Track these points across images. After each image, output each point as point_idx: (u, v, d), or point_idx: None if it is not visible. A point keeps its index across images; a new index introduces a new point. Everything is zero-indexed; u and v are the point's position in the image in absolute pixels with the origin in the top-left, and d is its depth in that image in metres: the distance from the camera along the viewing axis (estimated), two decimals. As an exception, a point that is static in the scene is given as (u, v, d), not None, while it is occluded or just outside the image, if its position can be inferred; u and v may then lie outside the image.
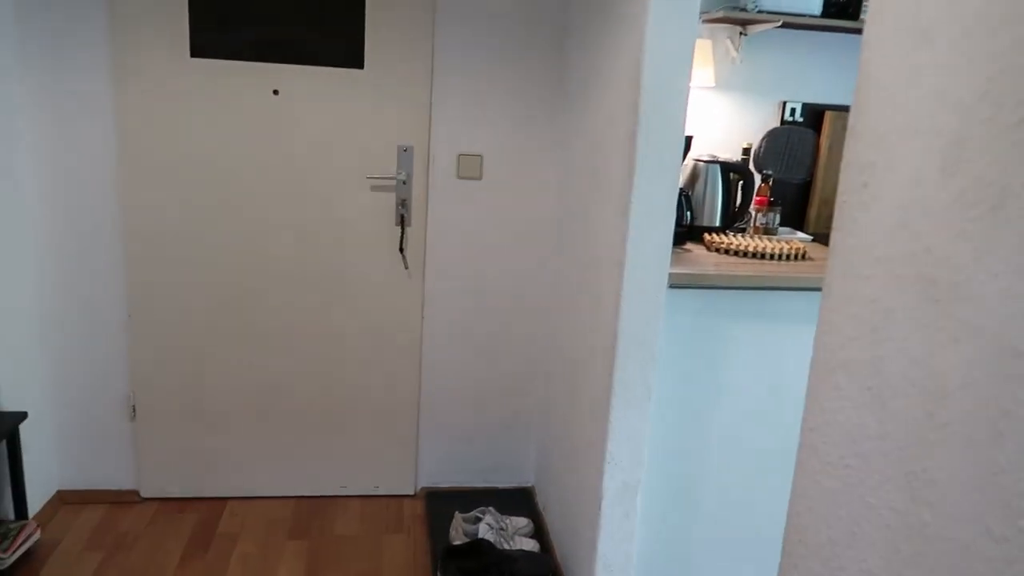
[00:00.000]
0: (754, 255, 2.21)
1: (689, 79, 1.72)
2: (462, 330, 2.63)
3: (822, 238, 2.56)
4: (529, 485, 2.82)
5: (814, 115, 2.61)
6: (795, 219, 2.70)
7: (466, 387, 2.69)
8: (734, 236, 2.35)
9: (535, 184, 2.54)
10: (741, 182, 2.48)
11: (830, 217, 2.84)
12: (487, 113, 2.46)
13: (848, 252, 0.89)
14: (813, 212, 2.66)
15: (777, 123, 2.60)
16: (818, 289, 2.07)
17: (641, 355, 1.90)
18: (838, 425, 0.89)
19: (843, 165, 0.90)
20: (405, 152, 2.46)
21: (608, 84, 1.98)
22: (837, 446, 0.89)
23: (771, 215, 2.50)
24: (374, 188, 2.47)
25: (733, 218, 2.41)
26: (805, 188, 2.67)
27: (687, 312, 2.04)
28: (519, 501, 2.70)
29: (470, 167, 2.49)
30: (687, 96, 1.73)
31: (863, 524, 0.83)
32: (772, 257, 2.20)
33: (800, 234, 2.57)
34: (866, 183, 0.86)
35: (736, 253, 2.23)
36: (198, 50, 2.33)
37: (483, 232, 2.55)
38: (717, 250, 2.26)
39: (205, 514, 2.53)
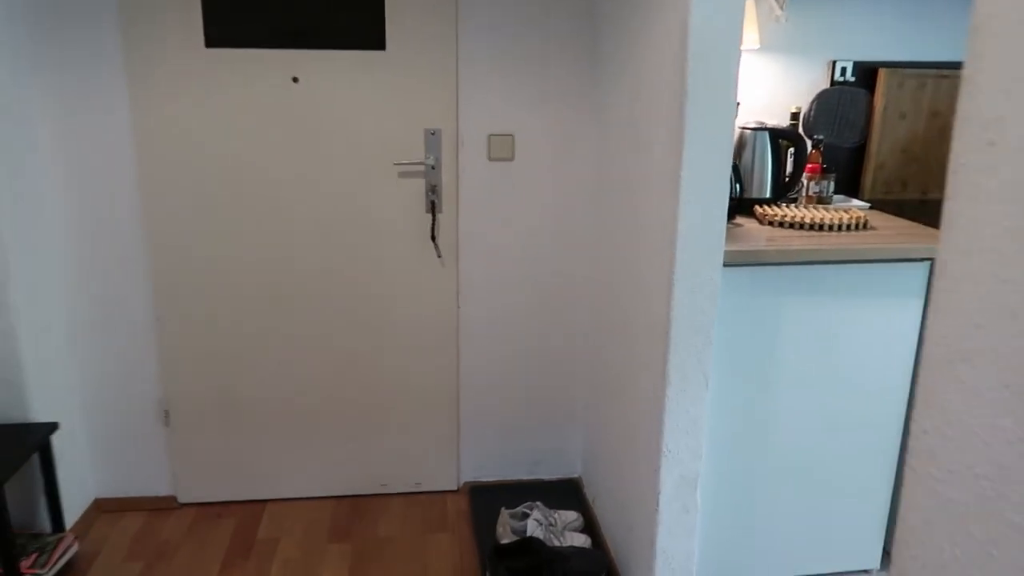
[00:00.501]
0: (811, 227, 2.06)
1: (740, 38, 1.58)
2: (501, 318, 2.52)
3: (880, 205, 2.39)
4: (576, 476, 2.71)
5: (866, 74, 2.43)
6: (849, 185, 2.53)
7: (507, 377, 2.58)
8: (787, 207, 2.20)
9: (572, 162, 2.40)
10: (792, 149, 2.32)
11: (887, 183, 2.68)
12: (517, 89, 2.33)
13: (969, 223, 0.75)
14: (868, 177, 2.49)
15: (826, 84, 2.43)
16: (884, 261, 1.92)
17: (697, 341, 1.77)
18: (963, 427, 0.76)
19: (959, 121, 0.76)
20: (433, 135, 2.34)
21: (648, 50, 1.84)
22: (963, 452, 0.76)
23: (824, 183, 2.34)
24: (402, 175, 2.36)
25: (785, 188, 2.26)
26: (859, 152, 2.51)
27: (742, 292, 1.90)
28: (566, 493, 2.60)
29: (502, 148, 2.37)
30: (739, 57, 1.59)
31: (1005, 547, 0.70)
32: (830, 228, 2.05)
33: (856, 201, 2.41)
34: (992, 141, 0.72)
35: (791, 225, 2.08)
36: (213, 40, 2.22)
37: (519, 215, 2.43)
38: (770, 223, 2.11)
39: (244, 518, 2.46)
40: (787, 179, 2.27)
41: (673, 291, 1.73)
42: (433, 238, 2.40)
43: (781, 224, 2.09)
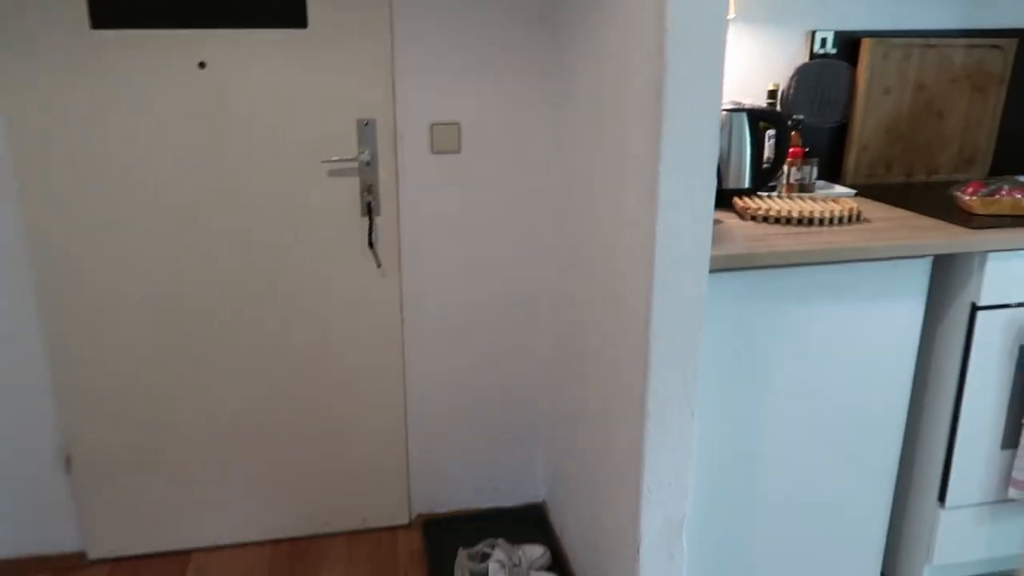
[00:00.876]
0: (799, 221, 1.82)
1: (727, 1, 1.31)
2: (451, 332, 2.23)
3: (864, 190, 2.17)
4: (539, 500, 2.45)
5: (848, 45, 2.19)
6: (829, 170, 2.30)
7: (461, 396, 2.30)
8: (771, 199, 1.96)
9: (528, 153, 2.12)
10: (769, 132, 2.08)
11: (871, 165, 2.45)
12: (463, 71, 2.03)
13: None
14: (851, 160, 2.27)
15: (806, 58, 2.19)
16: (883, 258, 1.69)
17: (680, 363, 1.51)
18: None
19: None
20: (366, 127, 2.03)
21: (617, 18, 1.56)
22: None
23: (807, 168, 2.10)
24: (332, 174, 2.04)
25: (765, 176, 2.01)
26: (839, 132, 2.28)
27: (728, 300, 1.66)
28: (530, 522, 2.34)
29: (446, 138, 2.07)
30: (726, 25, 1.32)
31: None
32: (821, 222, 1.81)
33: (840, 188, 2.18)
34: None
35: (777, 220, 1.84)
36: (100, 19, 1.87)
37: (469, 216, 2.14)
38: (753, 218, 1.86)
39: (166, 572, 2.14)
40: (768, 166, 2.02)
41: (652, 306, 1.47)
42: (371, 245, 2.10)
43: (765, 219, 1.85)
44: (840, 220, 1.82)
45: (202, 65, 1.93)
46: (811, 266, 1.67)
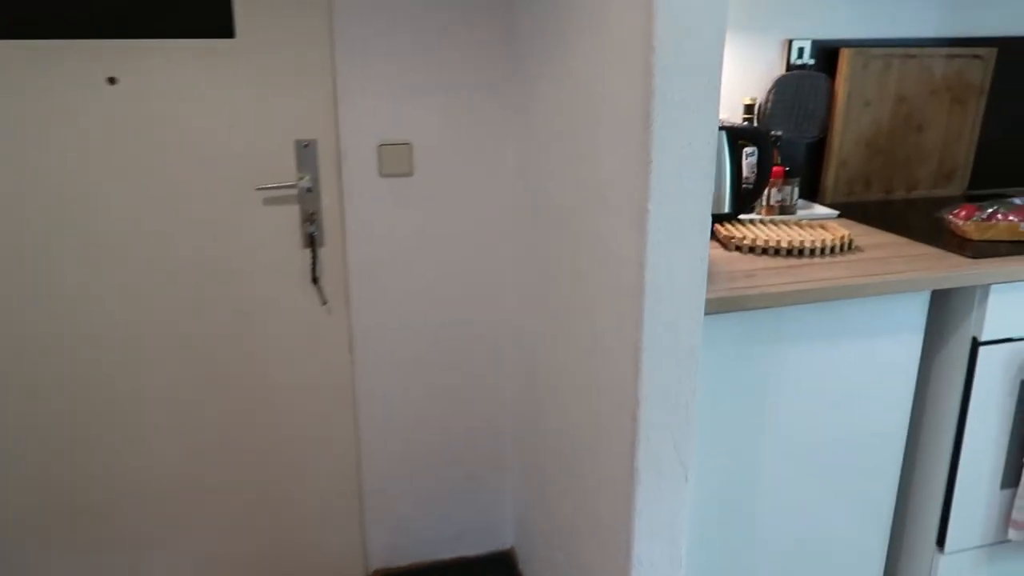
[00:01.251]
0: (789, 252, 1.67)
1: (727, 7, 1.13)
2: (407, 371, 2.02)
3: (846, 209, 2.04)
4: (507, 548, 2.26)
5: (826, 55, 2.06)
6: (807, 187, 2.16)
7: (419, 439, 2.09)
8: (756, 226, 1.80)
9: (488, 175, 1.92)
10: (747, 150, 1.92)
11: (850, 182, 2.31)
12: (414, 86, 1.82)
13: None
14: (830, 178, 2.13)
15: (783, 69, 2.05)
16: (884, 293, 1.55)
17: (674, 421, 1.33)
18: None
19: None
20: (306, 148, 1.80)
21: (591, 32, 1.38)
22: None
23: (788, 189, 1.96)
24: (268, 202, 1.81)
25: (746, 199, 1.85)
26: (816, 148, 2.14)
27: (717, 343, 1.49)
28: (499, 572, 2.15)
29: (396, 160, 1.86)
30: (724, 39, 1.15)
31: None
32: (812, 253, 1.66)
33: (821, 209, 2.04)
34: None
35: (765, 251, 1.68)
36: (-12, 27, 1.61)
37: (423, 245, 1.93)
38: (739, 248, 1.70)
39: (87, 656, 1.88)
40: (749, 187, 1.87)
41: (642, 358, 1.29)
42: (315, 280, 1.88)
43: (752, 249, 1.69)
44: (832, 250, 1.67)
45: (112, 80, 1.68)
46: (804, 304, 1.52)
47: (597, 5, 1.32)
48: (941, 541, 1.76)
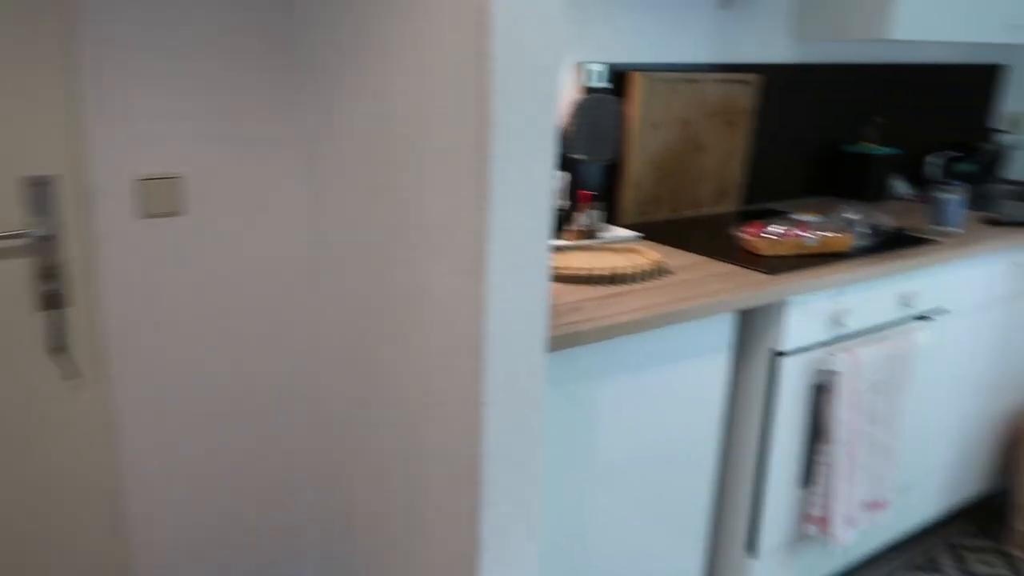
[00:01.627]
0: (609, 280, 1.62)
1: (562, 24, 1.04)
2: (188, 445, 1.71)
3: (643, 229, 2.06)
4: (323, 624, 2.01)
5: (620, 79, 2.07)
6: (605, 210, 2.16)
7: (210, 528, 1.78)
8: (570, 253, 1.75)
9: (276, 211, 1.68)
10: (560, 175, 1.87)
11: (642, 203, 2.36)
12: (184, 110, 1.53)
13: None
14: (627, 198, 2.15)
15: (578, 92, 2.02)
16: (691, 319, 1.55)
17: (519, 480, 1.21)
18: None
19: None
20: (39, 187, 1.45)
21: (405, 50, 1.22)
22: None
23: (594, 212, 1.93)
24: (-11, 254, 1.43)
25: (559, 226, 1.80)
26: (611, 170, 2.15)
27: (549, 382, 1.40)
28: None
29: (162, 197, 1.56)
30: (561, 60, 1.05)
31: None
32: (631, 279, 1.63)
33: (621, 231, 2.04)
34: None
35: (586, 280, 1.62)
36: None
37: (200, 295, 1.64)
38: (558, 278, 1.63)
39: None
40: (563, 213, 1.81)
41: (483, 417, 1.15)
42: (60, 349, 1.51)
43: (571, 279, 1.62)
44: (649, 275, 1.65)
45: None
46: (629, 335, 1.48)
47: (406, 22, 1.17)
48: (752, 545, 1.82)
